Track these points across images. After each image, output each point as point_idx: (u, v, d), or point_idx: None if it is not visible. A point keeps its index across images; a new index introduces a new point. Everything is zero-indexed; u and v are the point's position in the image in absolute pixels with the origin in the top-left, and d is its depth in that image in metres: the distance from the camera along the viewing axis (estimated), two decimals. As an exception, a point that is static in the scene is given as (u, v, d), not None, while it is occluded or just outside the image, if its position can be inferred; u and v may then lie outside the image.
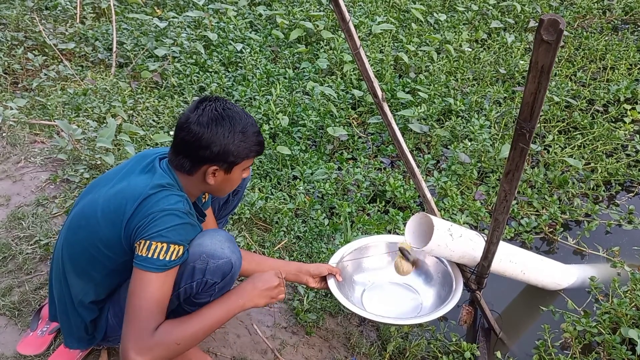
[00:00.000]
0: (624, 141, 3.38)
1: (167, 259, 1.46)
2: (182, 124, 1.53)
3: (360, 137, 3.45)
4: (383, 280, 2.30)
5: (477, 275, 2.09)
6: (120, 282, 1.65)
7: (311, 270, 2.03)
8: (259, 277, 1.67)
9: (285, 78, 3.86)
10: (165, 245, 1.45)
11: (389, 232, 2.73)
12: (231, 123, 1.53)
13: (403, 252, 2.10)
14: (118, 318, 1.66)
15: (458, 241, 2.04)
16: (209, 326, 1.55)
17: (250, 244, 2.56)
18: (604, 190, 3.06)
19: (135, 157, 1.68)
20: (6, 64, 3.75)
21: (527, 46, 4.46)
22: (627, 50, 4.29)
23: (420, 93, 3.64)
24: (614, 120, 3.62)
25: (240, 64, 4.02)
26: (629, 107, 3.65)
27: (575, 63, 4.20)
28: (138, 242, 1.46)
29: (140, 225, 1.47)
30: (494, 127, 3.47)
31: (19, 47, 3.92)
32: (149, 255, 1.44)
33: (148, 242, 1.44)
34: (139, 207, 1.48)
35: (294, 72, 3.95)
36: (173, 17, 4.45)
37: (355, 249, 2.27)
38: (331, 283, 2.07)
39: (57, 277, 1.67)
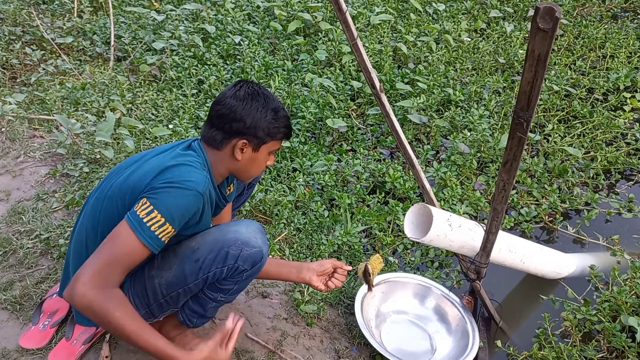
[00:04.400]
0: (624, 130, 3.37)
1: (157, 234, 1.44)
2: (219, 99, 1.62)
3: (359, 129, 3.44)
4: (402, 318, 2.33)
5: (476, 265, 2.10)
6: (142, 269, 1.67)
7: (313, 267, 1.95)
8: (214, 352, 1.52)
9: (283, 70, 3.85)
10: (163, 220, 1.44)
11: (389, 223, 2.74)
12: (265, 100, 1.62)
13: (366, 271, 2.10)
14: (139, 298, 1.68)
15: (457, 231, 2.05)
16: (140, 340, 1.44)
17: (250, 236, 2.57)
18: (603, 179, 3.06)
19: (173, 142, 1.73)
20: (4, 58, 3.74)
21: (527, 35, 4.44)
22: (627, 39, 4.27)
23: (419, 84, 3.63)
24: (613, 108, 3.61)
25: (238, 57, 4.01)
26: (628, 95, 3.64)
27: (574, 52, 4.18)
28: (143, 199, 1.44)
29: (155, 186, 1.46)
30: (494, 117, 3.46)
31: (16, 41, 3.91)
32: (145, 221, 1.43)
33: (151, 207, 1.43)
34: (159, 174, 1.49)
35: (292, 64, 3.94)
36: (171, 10, 4.43)
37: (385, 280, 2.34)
38: (358, 312, 2.14)
39: (78, 251, 1.65)
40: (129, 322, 1.42)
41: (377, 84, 1.85)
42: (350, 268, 2.02)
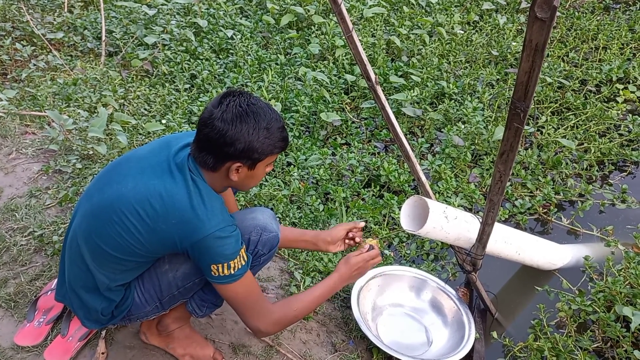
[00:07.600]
0: (617, 121, 3.39)
1: (244, 263, 1.57)
2: (206, 120, 1.49)
3: (353, 122, 3.43)
4: (398, 311, 2.34)
5: (472, 257, 2.10)
6: (151, 266, 1.67)
7: (328, 239, 1.98)
8: (362, 261, 1.86)
9: (277, 64, 3.83)
10: (237, 258, 1.55)
11: (384, 216, 2.73)
12: (255, 119, 1.50)
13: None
14: (149, 294, 1.69)
15: (453, 223, 2.05)
16: (316, 305, 1.78)
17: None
18: (597, 170, 3.07)
19: (158, 144, 1.64)
20: (-6, 54, 3.71)
21: (519, 27, 4.44)
22: (619, 30, 4.28)
23: (413, 77, 3.63)
24: (606, 100, 3.62)
25: (231, 51, 3.99)
26: (621, 86, 3.65)
27: (567, 43, 4.19)
28: (214, 266, 1.52)
29: (205, 253, 1.51)
30: (487, 110, 3.47)
31: (6, 37, 3.87)
32: (232, 272, 1.54)
33: (225, 264, 1.52)
34: (193, 233, 1.49)
35: (285, 57, 3.92)
36: (162, 4, 4.39)
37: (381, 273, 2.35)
38: (354, 306, 2.15)
39: (74, 261, 1.62)
40: (303, 309, 1.73)
41: (372, 76, 1.85)
42: (363, 224, 2.02)
